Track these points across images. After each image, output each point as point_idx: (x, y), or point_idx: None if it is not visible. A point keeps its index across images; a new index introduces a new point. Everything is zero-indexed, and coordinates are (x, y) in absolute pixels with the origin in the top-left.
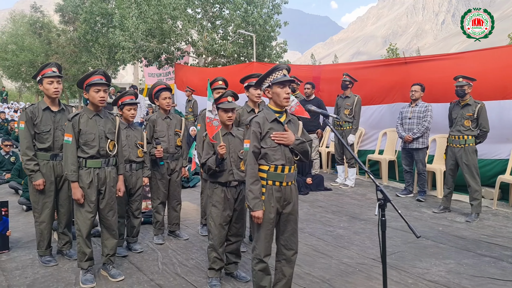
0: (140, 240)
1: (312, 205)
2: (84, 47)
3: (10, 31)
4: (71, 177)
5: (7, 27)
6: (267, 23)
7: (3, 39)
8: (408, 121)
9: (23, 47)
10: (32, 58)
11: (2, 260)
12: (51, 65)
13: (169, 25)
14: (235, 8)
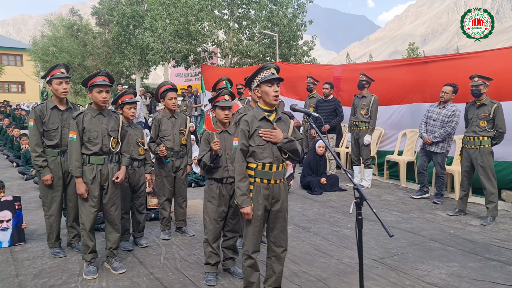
0: (147, 235)
1: (324, 205)
2: (117, 49)
3: (50, 34)
4: (75, 173)
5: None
6: (292, 23)
7: (44, 41)
8: (432, 122)
9: (62, 49)
10: (70, 60)
11: (15, 251)
12: (60, 67)
13: (195, 26)
14: (260, 8)
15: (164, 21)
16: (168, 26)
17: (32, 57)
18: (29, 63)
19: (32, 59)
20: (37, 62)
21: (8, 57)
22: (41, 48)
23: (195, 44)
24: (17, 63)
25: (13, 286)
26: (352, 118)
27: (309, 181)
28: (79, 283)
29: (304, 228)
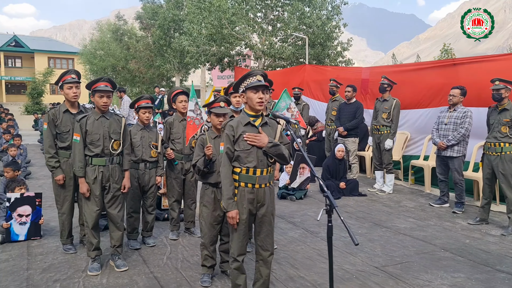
0: (157, 235)
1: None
2: (158, 52)
3: (97, 39)
4: (78, 173)
5: (95, 35)
6: (326, 25)
7: (92, 45)
8: (444, 126)
9: (109, 52)
10: (114, 63)
11: (32, 245)
12: (71, 72)
13: (228, 29)
14: (293, 10)
15: (200, 24)
16: (203, 30)
17: (81, 60)
18: (79, 66)
19: (81, 62)
20: (85, 65)
21: (61, 61)
22: (89, 51)
23: (228, 47)
24: (69, 66)
25: (21, 279)
26: (374, 122)
27: (327, 185)
28: (81, 279)
29: (312, 233)
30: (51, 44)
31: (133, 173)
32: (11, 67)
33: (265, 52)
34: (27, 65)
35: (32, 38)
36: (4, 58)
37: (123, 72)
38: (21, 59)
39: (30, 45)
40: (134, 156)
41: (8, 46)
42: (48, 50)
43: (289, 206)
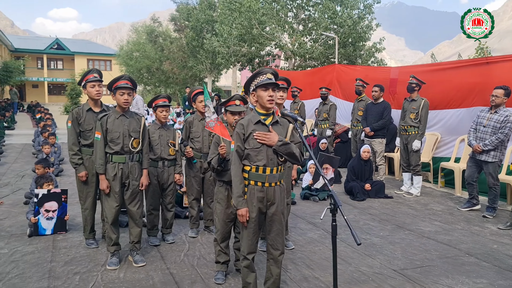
0: (177, 232)
1: (362, 212)
2: (191, 53)
3: (134, 40)
4: (99, 170)
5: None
6: (357, 24)
7: (129, 47)
8: (482, 128)
9: (144, 54)
10: (149, 64)
11: (57, 239)
12: (93, 72)
13: (258, 30)
14: (324, 10)
15: (231, 25)
16: (233, 31)
17: (118, 61)
18: (116, 67)
19: (118, 63)
20: (122, 66)
21: (99, 62)
22: (126, 53)
23: (258, 47)
24: (107, 67)
25: (44, 271)
26: (401, 122)
27: (352, 186)
28: (100, 273)
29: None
30: (90, 46)
31: (152, 171)
32: (53, 69)
33: (295, 52)
34: (68, 66)
35: (73, 40)
36: (47, 61)
37: (158, 73)
38: (62, 61)
39: (70, 48)
40: (153, 155)
41: (51, 49)
42: (87, 52)
43: (312, 206)
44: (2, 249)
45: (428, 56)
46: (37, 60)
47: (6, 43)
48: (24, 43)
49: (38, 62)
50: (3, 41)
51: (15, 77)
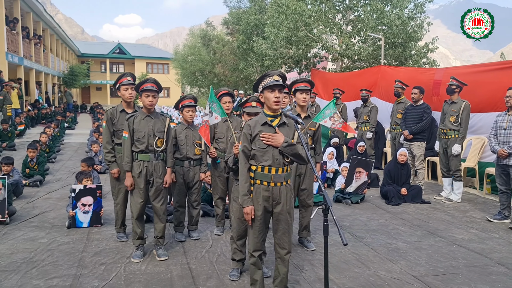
0: (204, 230)
1: (394, 216)
2: (242, 56)
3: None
4: (125, 167)
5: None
6: (406, 24)
7: (184, 51)
8: (503, 132)
9: (199, 57)
10: (202, 67)
11: (92, 232)
12: (126, 75)
13: (304, 32)
14: (371, 11)
15: (278, 28)
16: (280, 33)
17: (174, 65)
18: (172, 71)
19: (174, 67)
20: (178, 69)
21: (157, 66)
22: (181, 57)
23: (303, 49)
24: (165, 71)
25: (75, 260)
26: (441, 125)
27: (387, 190)
28: (124, 264)
29: (357, 238)
30: (149, 50)
31: (178, 170)
32: (115, 72)
33: (341, 54)
34: (128, 70)
35: (133, 45)
36: (109, 64)
37: (210, 76)
38: (124, 65)
39: (131, 52)
40: (179, 154)
41: (113, 54)
42: (147, 56)
43: (342, 210)
44: (43, 238)
45: (497, 55)
46: (101, 64)
47: (74, 48)
48: (89, 48)
49: (101, 66)
50: (70, 47)
51: (80, 80)
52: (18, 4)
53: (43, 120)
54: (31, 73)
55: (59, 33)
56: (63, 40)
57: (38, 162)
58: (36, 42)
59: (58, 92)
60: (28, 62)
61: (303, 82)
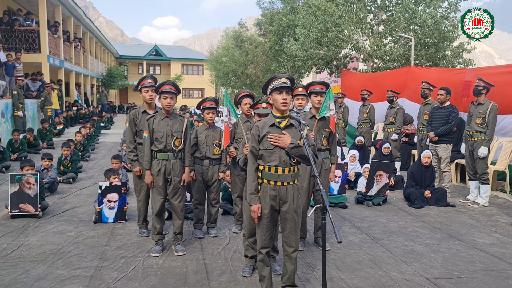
0: (223, 227)
1: (415, 219)
2: (274, 57)
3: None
4: (145, 166)
5: (221, 42)
6: (440, 24)
7: (218, 52)
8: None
9: (233, 59)
10: (235, 68)
11: (116, 227)
12: (147, 78)
13: (333, 32)
14: (403, 10)
15: (309, 29)
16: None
17: (208, 66)
18: (206, 72)
19: (208, 68)
20: (212, 71)
21: (192, 67)
22: (215, 58)
23: (333, 50)
24: (199, 72)
25: (98, 253)
26: (467, 127)
27: (410, 192)
28: (143, 258)
29: (374, 239)
30: (184, 52)
31: (198, 168)
32: (151, 73)
33: (371, 54)
34: (165, 71)
35: (169, 47)
36: (146, 66)
37: (243, 77)
38: (160, 66)
39: (167, 54)
40: (199, 153)
41: (150, 55)
42: (182, 57)
43: (363, 211)
44: (70, 232)
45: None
46: (138, 66)
47: (112, 51)
48: (127, 51)
49: (139, 68)
50: (109, 49)
51: (118, 81)
52: (59, 9)
53: (81, 120)
54: (71, 75)
55: (98, 36)
56: (102, 43)
57: (72, 160)
58: (76, 45)
59: (96, 93)
60: (68, 64)
61: (318, 84)
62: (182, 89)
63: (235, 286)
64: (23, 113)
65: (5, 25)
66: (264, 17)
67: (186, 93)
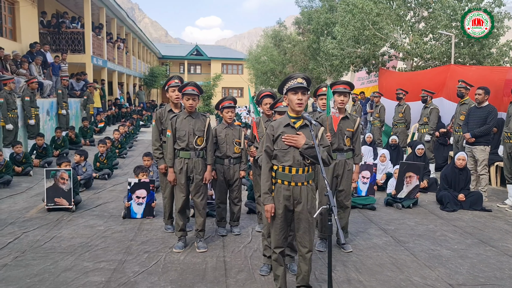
0: (246, 226)
1: (446, 223)
2: (312, 56)
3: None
4: (168, 163)
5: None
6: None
7: (257, 51)
8: None
9: (271, 58)
10: (273, 67)
11: (144, 222)
12: (174, 78)
13: (371, 31)
14: (442, 7)
15: (346, 27)
16: (347, 32)
17: (247, 65)
18: (245, 71)
19: (248, 67)
20: (250, 70)
21: (232, 66)
22: (254, 57)
23: (370, 48)
24: (239, 71)
25: (123, 247)
26: (505, 128)
27: (442, 195)
28: (165, 254)
29: (399, 242)
30: (224, 51)
31: (219, 168)
32: (192, 73)
33: (410, 52)
34: (205, 71)
35: (210, 47)
36: (187, 66)
37: (281, 76)
38: (201, 66)
39: (208, 53)
40: (219, 152)
41: (191, 55)
42: (222, 57)
43: (391, 213)
44: (100, 226)
45: None
46: (179, 65)
47: (155, 51)
48: (169, 51)
49: (180, 67)
50: (152, 49)
51: (160, 81)
52: (103, 11)
53: (123, 118)
54: (114, 74)
55: (141, 37)
56: (144, 43)
57: (107, 156)
58: (119, 45)
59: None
60: (111, 64)
61: (342, 84)
62: (221, 88)
63: (251, 284)
64: (67, 112)
65: (53, 28)
66: (303, 16)
67: (225, 92)
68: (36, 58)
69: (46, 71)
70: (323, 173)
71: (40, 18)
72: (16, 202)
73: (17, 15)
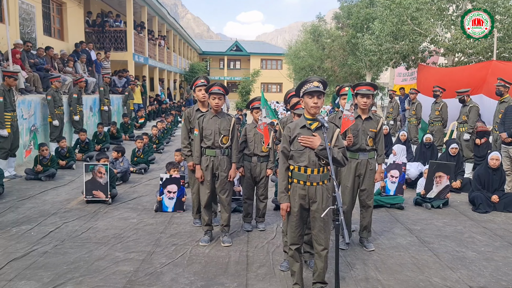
0: (272, 222)
1: (477, 224)
2: (351, 51)
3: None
4: (195, 161)
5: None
6: None
7: (297, 46)
8: None
9: (310, 53)
10: (312, 63)
11: (174, 216)
12: (201, 78)
13: (409, 26)
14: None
15: (384, 23)
16: (385, 27)
17: (286, 60)
18: (284, 66)
19: (287, 62)
20: (290, 65)
21: (271, 62)
22: (293, 52)
23: (408, 43)
24: (278, 67)
25: (153, 239)
26: None
27: (475, 196)
28: (192, 247)
29: (423, 242)
30: (264, 47)
31: (247, 165)
32: (232, 69)
33: (449, 48)
34: (244, 66)
35: (250, 42)
36: (227, 61)
37: (319, 71)
38: (240, 62)
39: (247, 49)
40: (248, 150)
41: (231, 51)
42: (261, 52)
43: (419, 213)
44: (133, 218)
45: None
46: (219, 61)
47: (195, 47)
48: (209, 47)
49: (220, 63)
50: (192, 46)
51: None
52: (145, 9)
53: (163, 114)
54: (155, 71)
55: (182, 34)
56: (185, 40)
57: (144, 151)
58: (159, 42)
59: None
60: (152, 61)
61: (365, 85)
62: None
63: (270, 278)
64: (108, 108)
65: (97, 27)
66: (342, 10)
67: (264, 88)
68: (81, 56)
69: (91, 68)
70: (333, 174)
71: (86, 18)
72: (59, 194)
73: (64, 15)
